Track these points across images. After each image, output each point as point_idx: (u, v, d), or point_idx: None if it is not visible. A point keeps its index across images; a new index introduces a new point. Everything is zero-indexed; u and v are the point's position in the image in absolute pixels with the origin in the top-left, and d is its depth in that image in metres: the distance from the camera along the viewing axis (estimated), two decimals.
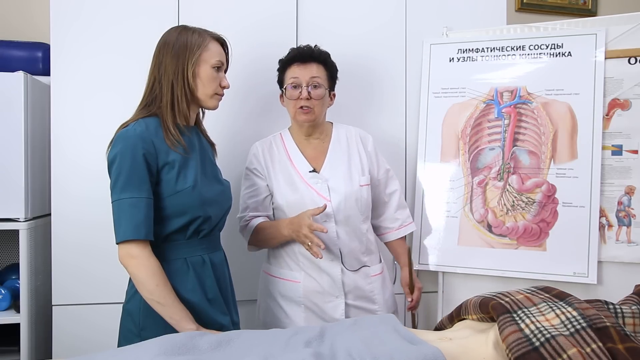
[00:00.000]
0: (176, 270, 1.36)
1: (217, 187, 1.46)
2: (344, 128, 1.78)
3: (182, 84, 1.37)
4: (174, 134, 1.35)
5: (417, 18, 2.15)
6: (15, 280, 1.98)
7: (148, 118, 1.36)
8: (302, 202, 1.63)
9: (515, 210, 1.92)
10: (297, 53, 1.67)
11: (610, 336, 0.99)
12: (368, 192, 1.72)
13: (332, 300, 1.66)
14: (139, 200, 1.27)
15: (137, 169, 1.28)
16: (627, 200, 1.81)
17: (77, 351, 1.81)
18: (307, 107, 1.63)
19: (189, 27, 1.42)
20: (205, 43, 1.39)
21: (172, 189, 1.33)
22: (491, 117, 1.96)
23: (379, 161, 1.78)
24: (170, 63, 1.37)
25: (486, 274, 1.91)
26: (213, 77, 1.41)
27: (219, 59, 1.42)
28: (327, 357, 1.04)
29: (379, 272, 1.75)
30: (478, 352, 1.09)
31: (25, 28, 2.35)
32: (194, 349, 1.11)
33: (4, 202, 1.85)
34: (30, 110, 1.90)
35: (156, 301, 1.28)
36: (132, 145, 1.29)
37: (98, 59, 1.89)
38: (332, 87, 1.72)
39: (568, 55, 1.88)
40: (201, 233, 1.40)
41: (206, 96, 1.41)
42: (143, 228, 1.27)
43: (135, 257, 1.27)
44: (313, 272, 1.66)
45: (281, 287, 1.70)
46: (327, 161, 1.70)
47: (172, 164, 1.34)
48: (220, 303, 1.42)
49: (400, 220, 1.83)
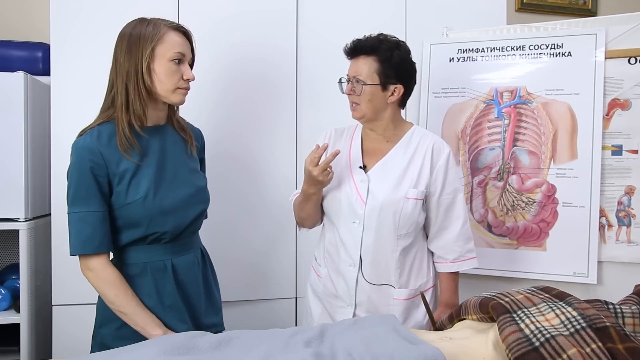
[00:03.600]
0: (135, 274, 1.33)
1: (181, 192, 1.36)
2: (422, 134, 1.60)
3: (136, 82, 1.27)
4: (129, 138, 1.27)
5: (417, 18, 2.15)
6: (15, 280, 1.98)
7: (104, 124, 1.30)
8: (339, 194, 1.56)
9: (515, 210, 1.92)
10: (347, 48, 1.55)
11: (610, 336, 0.99)
12: (416, 207, 1.52)
13: (343, 307, 1.57)
14: (86, 214, 1.25)
15: (83, 183, 1.25)
16: (627, 200, 1.81)
17: (77, 351, 1.81)
18: (354, 104, 1.54)
19: (145, 19, 1.32)
20: (159, 35, 1.28)
21: (122, 200, 1.28)
22: (491, 117, 1.96)
23: (447, 179, 1.55)
24: (124, 60, 1.28)
25: (486, 274, 1.91)
26: (172, 71, 1.29)
27: (178, 51, 1.29)
28: (327, 357, 1.04)
29: (405, 298, 1.56)
30: (478, 352, 1.09)
31: (25, 28, 2.35)
32: (194, 349, 1.11)
33: (4, 202, 1.85)
34: (30, 110, 1.90)
35: (118, 310, 1.28)
36: (79, 158, 1.26)
37: (98, 58, 1.88)
38: (387, 81, 1.51)
39: (568, 55, 1.88)
40: (162, 240, 1.34)
41: (167, 92, 1.31)
42: (91, 243, 1.25)
43: (91, 269, 1.28)
44: (332, 272, 1.60)
45: (312, 279, 1.69)
46: (381, 162, 1.56)
47: (123, 175, 1.28)
48: (179, 309, 1.36)
49: (458, 253, 1.58)
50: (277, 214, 2.05)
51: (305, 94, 2.09)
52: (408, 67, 1.55)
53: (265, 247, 2.04)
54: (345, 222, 1.55)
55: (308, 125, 2.09)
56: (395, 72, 1.51)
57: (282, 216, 2.04)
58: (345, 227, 1.55)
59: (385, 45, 1.51)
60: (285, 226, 2.07)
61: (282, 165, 2.07)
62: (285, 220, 2.05)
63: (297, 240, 2.10)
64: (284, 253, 2.10)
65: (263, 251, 1.84)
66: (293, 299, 2.12)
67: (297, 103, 2.09)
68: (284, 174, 2.07)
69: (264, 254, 2.02)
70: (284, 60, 2.06)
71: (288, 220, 2.05)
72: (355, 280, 1.55)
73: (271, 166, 2.05)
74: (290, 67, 2.07)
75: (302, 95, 2.09)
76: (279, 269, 2.09)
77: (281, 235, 2.09)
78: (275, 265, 2.08)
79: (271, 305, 2.10)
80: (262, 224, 2.06)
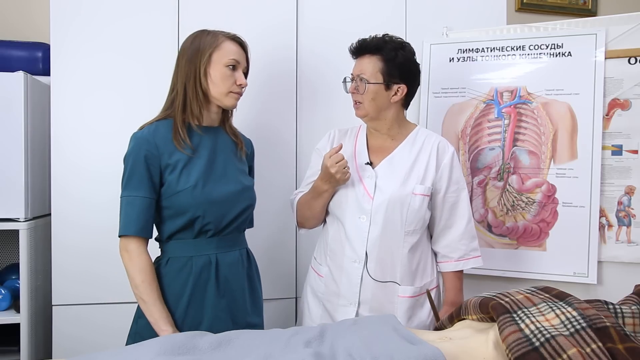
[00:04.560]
0: (178, 269, 1.40)
1: (228, 187, 1.45)
2: (426, 134, 1.63)
3: (194, 84, 1.41)
4: (182, 134, 1.40)
5: (417, 18, 2.15)
6: (15, 280, 1.98)
7: (162, 120, 1.43)
8: (345, 189, 1.56)
9: (515, 210, 1.92)
10: (352, 47, 1.58)
11: (610, 336, 0.99)
12: (422, 203, 1.54)
13: (345, 306, 1.56)
14: (134, 198, 1.35)
15: (137, 170, 1.36)
16: (627, 200, 1.81)
17: (77, 351, 1.81)
18: (357, 102, 1.56)
19: (206, 30, 1.45)
20: (217, 43, 1.42)
21: (173, 189, 1.37)
22: (491, 117, 1.96)
23: (451, 177, 1.57)
24: (184, 67, 1.42)
25: (486, 274, 1.91)
26: (226, 76, 1.42)
27: (233, 57, 1.43)
28: (327, 357, 1.04)
29: (410, 296, 1.56)
30: (478, 351, 1.09)
31: (25, 28, 2.35)
32: (194, 349, 1.11)
33: (4, 202, 1.85)
34: (30, 110, 1.90)
35: (139, 296, 1.35)
36: (137, 147, 1.37)
37: (98, 58, 1.90)
38: (390, 81, 1.53)
39: (568, 55, 1.88)
40: (209, 232, 1.41)
41: (220, 95, 1.43)
42: (134, 225, 1.34)
43: (128, 251, 1.35)
44: (335, 270, 1.59)
45: (311, 279, 1.68)
46: (387, 159, 1.58)
47: (175, 165, 1.38)
48: (218, 307, 1.41)
49: (463, 251, 1.59)
50: (277, 214, 2.05)
51: (305, 94, 2.09)
52: (412, 68, 1.57)
53: (265, 247, 2.04)
54: (352, 217, 1.56)
55: (308, 126, 2.09)
56: (399, 72, 1.53)
57: (282, 216, 2.04)
58: (351, 223, 1.56)
59: (390, 45, 1.53)
60: (285, 226, 2.07)
61: (282, 165, 2.07)
62: (285, 221, 2.05)
63: (297, 240, 2.10)
64: (284, 253, 2.10)
65: (263, 251, 1.84)
66: (293, 299, 2.12)
67: (297, 103, 2.09)
68: (284, 174, 2.07)
69: (264, 254, 2.02)
70: (284, 60, 2.06)
71: (288, 220, 2.05)
72: (359, 277, 1.54)
73: (271, 166, 2.05)
74: (290, 67, 2.07)
75: (302, 95, 2.09)
76: (279, 269, 2.09)
77: (281, 235, 2.09)
78: (275, 265, 2.08)
79: (271, 305, 2.10)
80: (262, 224, 2.05)
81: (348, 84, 1.59)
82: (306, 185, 1.67)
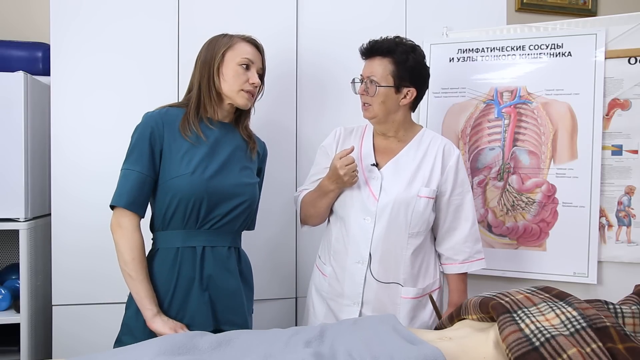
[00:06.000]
0: (166, 259, 1.42)
1: (225, 179, 1.45)
2: (432, 136, 1.63)
3: (207, 81, 1.46)
4: (191, 123, 1.44)
5: (417, 18, 2.15)
6: (15, 280, 1.98)
7: (175, 107, 1.49)
8: (350, 190, 1.55)
9: (515, 210, 1.92)
10: (362, 48, 1.57)
11: (610, 336, 0.99)
12: (427, 206, 1.54)
13: (349, 306, 1.56)
14: (131, 172, 1.38)
15: (139, 145, 1.40)
16: (627, 200, 1.81)
17: (77, 351, 1.81)
18: (366, 104, 1.56)
19: (225, 34, 1.51)
20: (231, 43, 1.47)
21: (174, 172, 1.40)
22: (491, 117, 1.96)
23: (457, 180, 1.57)
24: (201, 65, 1.48)
25: (486, 274, 1.91)
26: (238, 74, 1.46)
27: (247, 57, 1.47)
28: (327, 357, 1.04)
29: (413, 297, 1.56)
30: (478, 351, 1.09)
31: (25, 28, 2.35)
32: (194, 349, 1.11)
33: (4, 202, 1.85)
34: (30, 110, 1.90)
35: (128, 273, 1.37)
36: (144, 123, 1.42)
37: (98, 59, 1.90)
38: (401, 84, 1.52)
39: (568, 55, 1.88)
40: (199, 222, 1.42)
41: (232, 92, 1.47)
42: (125, 197, 1.37)
43: (122, 227, 1.37)
44: (338, 270, 1.59)
45: (316, 278, 1.68)
46: (393, 161, 1.58)
47: (178, 149, 1.41)
48: (199, 300, 1.41)
49: (467, 253, 1.59)
50: (277, 214, 2.05)
51: (305, 94, 2.09)
52: (422, 71, 1.57)
53: (265, 246, 2.04)
54: (356, 218, 1.55)
55: (308, 126, 2.09)
56: (410, 75, 1.53)
57: (282, 216, 2.04)
58: (355, 224, 1.55)
59: (401, 47, 1.52)
60: (285, 226, 2.07)
61: (282, 165, 2.07)
62: (285, 220, 2.05)
63: (297, 240, 2.10)
64: (284, 253, 2.10)
65: (263, 251, 1.84)
66: (293, 299, 2.12)
67: (297, 103, 2.09)
68: (284, 174, 2.07)
69: (264, 253, 2.02)
70: (284, 60, 2.06)
71: (288, 220, 2.05)
72: (363, 277, 1.54)
73: (271, 166, 2.05)
74: (290, 67, 2.07)
75: (302, 95, 2.09)
76: (279, 269, 2.09)
77: (281, 235, 2.08)
78: (275, 265, 2.08)
79: (271, 305, 2.10)
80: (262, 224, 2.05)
81: (357, 85, 1.58)
82: (311, 183, 1.67)
